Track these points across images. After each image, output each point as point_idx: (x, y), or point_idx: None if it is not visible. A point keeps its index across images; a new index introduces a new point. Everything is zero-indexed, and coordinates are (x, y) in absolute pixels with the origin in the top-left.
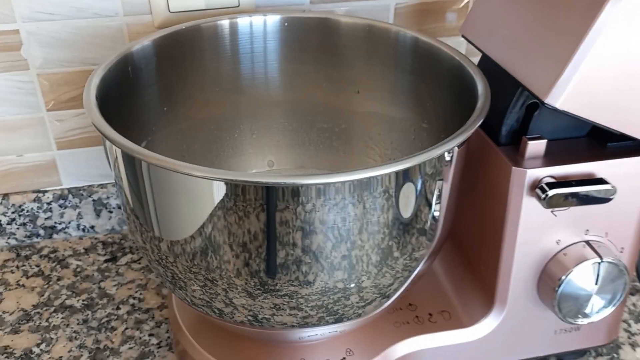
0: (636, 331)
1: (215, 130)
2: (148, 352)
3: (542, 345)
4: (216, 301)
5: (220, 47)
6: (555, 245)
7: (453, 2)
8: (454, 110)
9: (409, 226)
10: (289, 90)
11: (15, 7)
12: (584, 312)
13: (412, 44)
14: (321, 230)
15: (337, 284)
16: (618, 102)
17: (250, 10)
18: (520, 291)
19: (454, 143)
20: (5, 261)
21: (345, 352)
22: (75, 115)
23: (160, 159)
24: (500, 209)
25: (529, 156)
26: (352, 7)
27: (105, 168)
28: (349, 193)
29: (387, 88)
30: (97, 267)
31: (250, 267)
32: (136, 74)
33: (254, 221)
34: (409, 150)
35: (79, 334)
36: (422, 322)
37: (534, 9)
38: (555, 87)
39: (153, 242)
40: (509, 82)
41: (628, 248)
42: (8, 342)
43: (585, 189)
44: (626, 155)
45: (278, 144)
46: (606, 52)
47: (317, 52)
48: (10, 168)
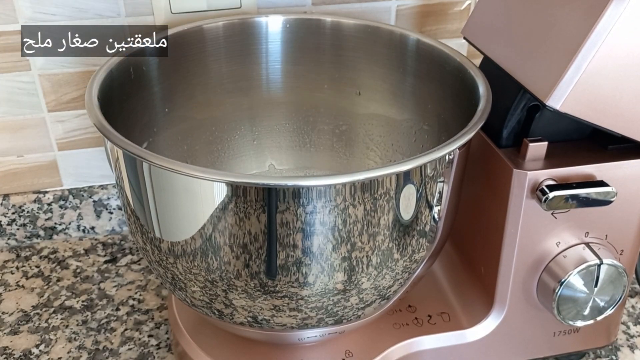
0: (635, 333)
1: (216, 131)
2: (147, 353)
3: (541, 347)
4: (216, 302)
5: (222, 48)
6: (555, 247)
7: (454, 3)
8: (455, 112)
9: (409, 228)
10: (290, 92)
11: (17, 7)
12: (583, 314)
13: (413, 46)
14: (322, 231)
15: (337, 286)
16: (619, 104)
17: (251, 11)
18: (519, 293)
19: (455, 145)
20: (5, 262)
21: (345, 354)
22: (76, 116)
23: (162, 160)
24: (501, 210)
25: (530, 158)
26: (353, 9)
27: (106, 169)
28: (350, 195)
29: (388, 89)
30: (97, 268)
31: (251, 269)
32: (138, 75)
33: (255, 222)
34: (410, 152)
35: (78, 334)
36: (422, 324)
37: (536, 11)
38: (557, 89)
39: (153, 243)
40: (511, 84)
41: (628, 250)
42: (7, 342)
43: (586, 192)
44: (627, 158)
45: (279, 145)
46: (607, 54)
47: (319, 53)
48: (11, 168)
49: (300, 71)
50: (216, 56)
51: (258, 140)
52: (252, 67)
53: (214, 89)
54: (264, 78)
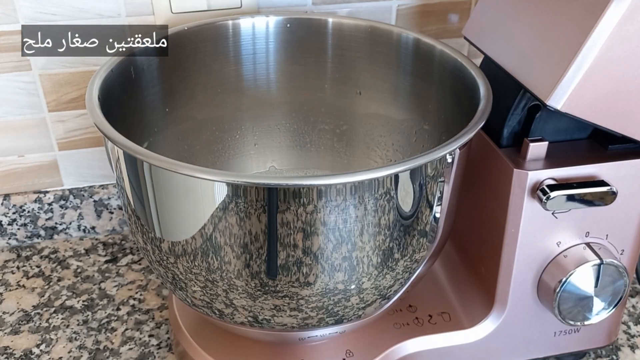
0: (635, 333)
1: (216, 131)
2: (148, 352)
3: (541, 347)
4: (217, 302)
5: (223, 48)
6: (555, 247)
7: (455, 3)
8: (456, 112)
9: (409, 228)
10: (291, 92)
11: (17, 7)
12: (584, 314)
13: (414, 46)
14: (322, 231)
15: (337, 286)
16: (620, 104)
17: (252, 11)
18: (520, 293)
19: (455, 145)
20: (5, 262)
21: (345, 354)
22: (77, 115)
23: (162, 160)
24: (501, 210)
25: (531, 158)
26: (354, 9)
27: (107, 169)
28: (350, 194)
29: (389, 89)
30: (97, 267)
31: (251, 268)
32: (138, 74)
33: (255, 222)
34: (410, 152)
35: (79, 334)
36: (422, 324)
37: (536, 11)
38: (557, 89)
39: (154, 243)
40: (511, 83)
41: (628, 250)
42: (8, 342)
43: (586, 191)
44: (627, 158)
45: (279, 145)
46: (608, 54)
47: (319, 53)
48: (11, 168)
49: (301, 71)
50: (217, 56)
51: (259, 140)
52: (253, 66)
53: (215, 88)
54: (264, 78)
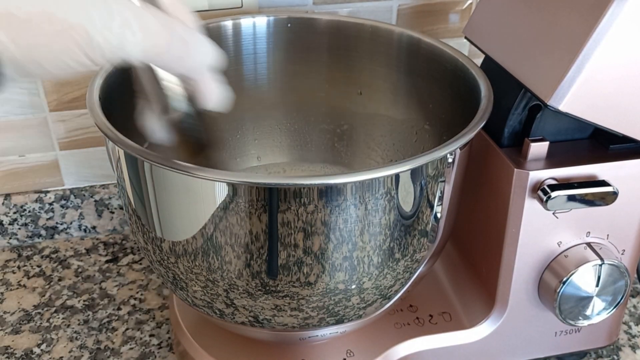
0: (637, 333)
1: (217, 131)
2: (149, 352)
3: (542, 347)
4: (217, 302)
5: (223, 47)
6: (556, 247)
7: (456, 3)
8: (456, 111)
9: (410, 227)
10: (292, 91)
11: None
12: (585, 314)
13: (414, 45)
14: (323, 231)
15: (338, 285)
16: (621, 104)
17: (253, 11)
18: (521, 293)
19: (456, 145)
20: (6, 261)
21: (346, 353)
22: (77, 115)
23: (163, 160)
24: (502, 210)
25: (531, 158)
26: (355, 8)
27: (107, 168)
28: (351, 194)
29: (389, 89)
30: (98, 267)
31: (252, 268)
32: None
33: (256, 222)
34: (411, 152)
35: (79, 334)
36: (423, 324)
37: (537, 10)
38: (558, 89)
39: (155, 243)
40: (512, 83)
41: (629, 250)
42: (9, 342)
43: (587, 191)
44: (628, 158)
45: (280, 145)
46: (609, 53)
47: (320, 53)
48: (12, 168)
49: (302, 71)
50: None
51: (259, 140)
52: (254, 66)
53: None
54: (265, 78)
